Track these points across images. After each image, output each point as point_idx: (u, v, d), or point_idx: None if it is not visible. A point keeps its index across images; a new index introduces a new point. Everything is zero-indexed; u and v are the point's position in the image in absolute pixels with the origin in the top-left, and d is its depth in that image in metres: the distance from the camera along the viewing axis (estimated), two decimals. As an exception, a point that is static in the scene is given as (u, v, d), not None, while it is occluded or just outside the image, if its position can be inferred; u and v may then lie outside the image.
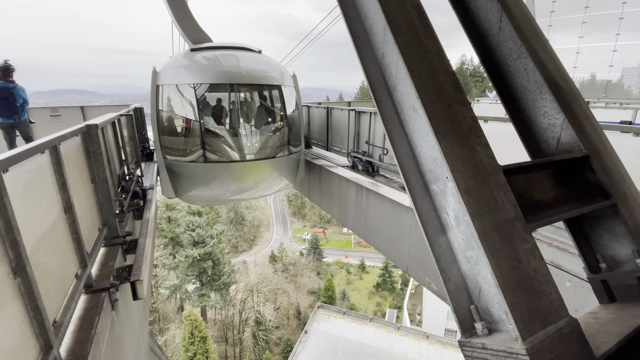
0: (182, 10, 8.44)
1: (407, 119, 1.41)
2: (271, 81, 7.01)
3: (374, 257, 67.32)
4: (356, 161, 6.92)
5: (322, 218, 77.59)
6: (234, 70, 6.63)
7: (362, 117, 6.99)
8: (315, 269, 65.06)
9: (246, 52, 7.46)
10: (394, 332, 40.44)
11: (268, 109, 7.35)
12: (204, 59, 6.98)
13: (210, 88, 6.84)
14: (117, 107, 9.50)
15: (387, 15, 1.36)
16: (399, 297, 57.56)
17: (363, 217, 7.11)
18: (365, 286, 61.56)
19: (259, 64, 7.23)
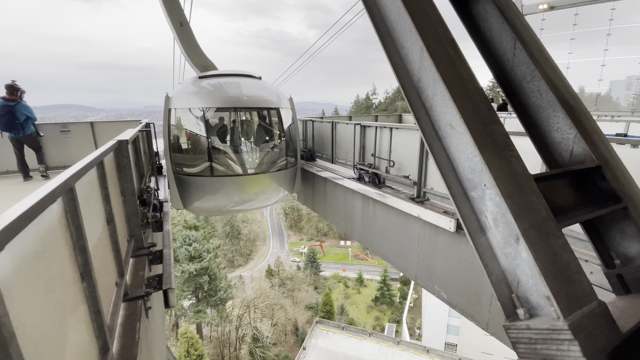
0: (190, 41, 9.29)
1: (444, 135, 1.63)
2: (270, 104, 8.02)
3: (371, 270, 66.96)
4: (362, 173, 7.15)
5: (319, 231, 77.36)
6: (237, 95, 7.62)
7: (367, 131, 7.26)
8: (313, 283, 64.41)
9: (248, 78, 8.43)
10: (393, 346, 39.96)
11: (267, 129, 8.27)
12: (211, 85, 7.91)
13: (217, 111, 7.79)
14: (127, 123, 9.68)
15: (428, 48, 1.60)
16: (398, 310, 57.05)
17: (370, 228, 7.29)
18: (363, 300, 60.97)
19: (260, 89, 8.20)
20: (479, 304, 4.89)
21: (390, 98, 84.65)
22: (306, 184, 10.38)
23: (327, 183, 8.88)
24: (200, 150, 7.88)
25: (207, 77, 8.17)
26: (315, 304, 58.31)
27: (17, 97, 6.95)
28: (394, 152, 6.47)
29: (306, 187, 10.39)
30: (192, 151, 8.08)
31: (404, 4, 1.75)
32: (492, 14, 2.21)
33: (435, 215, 5.20)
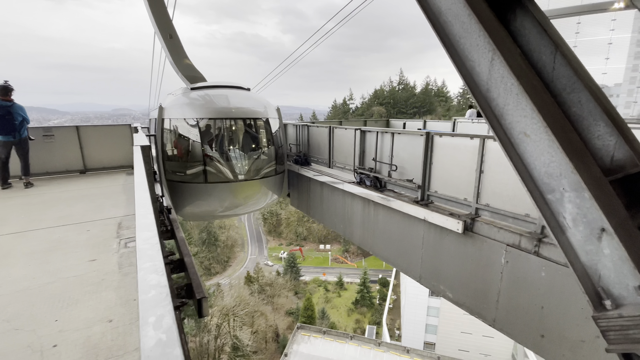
0: (179, 53, 9.53)
1: (517, 142, 1.75)
2: (259, 115, 8.43)
3: (351, 273, 67.47)
4: (363, 177, 7.28)
5: (299, 235, 77.08)
6: (229, 106, 8.04)
7: (367, 136, 7.42)
8: (293, 288, 63.96)
9: (238, 90, 8.85)
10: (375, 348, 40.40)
11: (256, 138, 8.71)
12: (204, 97, 8.24)
13: (209, 121, 8.06)
14: (115, 128, 9.31)
15: (499, 60, 1.73)
16: (378, 312, 57.76)
17: (371, 231, 7.42)
18: (343, 303, 61.23)
19: (249, 100, 8.63)
20: (486, 302, 5.11)
21: (366, 103, 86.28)
22: (300, 189, 10.40)
23: (324, 187, 8.95)
24: (194, 158, 8.19)
25: (198, 89, 8.51)
26: (296, 309, 57.90)
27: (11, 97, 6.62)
28: (396, 156, 6.65)
29: (300, 192, 10.40)
30: (185, 159, 8.34)
31: (470, 19, 1.87)
32: (530, 30, 2.38)
33: (442, 218, 5.40)
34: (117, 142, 9.31)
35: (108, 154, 9.24)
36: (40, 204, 6.03)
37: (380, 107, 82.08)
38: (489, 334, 40.52)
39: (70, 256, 3.89)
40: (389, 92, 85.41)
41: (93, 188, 7.39)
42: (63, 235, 4.55)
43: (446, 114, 79.18)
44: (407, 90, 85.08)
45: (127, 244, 4.26)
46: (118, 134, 9.31)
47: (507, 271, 4.76)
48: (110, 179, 8.27)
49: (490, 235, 4.92)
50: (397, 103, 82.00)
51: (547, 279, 4.32)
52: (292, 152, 10.92)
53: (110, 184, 7.84)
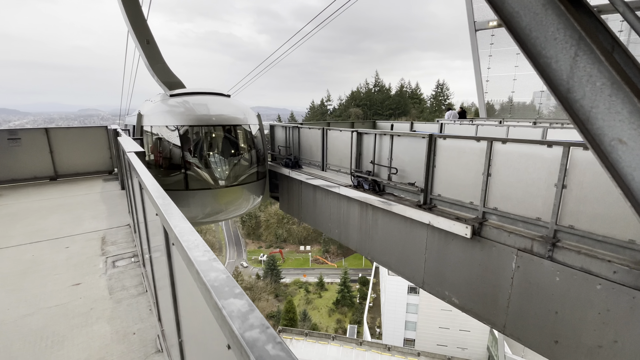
0: (157, 59, 9.13)
1: (609, 150, 1.52)
2: (238, 122, 8.37)
3: (332, 273, 67.44)
4: (361, 180, 7.03)
5: (279, 237, 76.16)
6: (208, 113, 7.95)
7: (364, 138, 7.17)
8: (273, 291, 63.05)
9: (218, 96, 8.77)
10: (356, 348, 40.53)
11: (237, 144, 8.62)
12: (183, 104, 8.12)
13: (189, 129, 7.93)
14: (89, 130, 8.54)
15: (596, 57, 1.49)
16: (358, 311, 58.06)
17: (369, 236, 7.17)
18: (325, 304, 61.06)
19: (229, 107, 8.56)
20: (495, 308, 4.99)
21: (343, 104, 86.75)
22: (291, 193, 10.01)
23: (318, 191, 8.62)
24: (174, 165, 8.01)
25: (178, 95, 8.39)
26: (277, 312, 57.10)
27: None
28: (395, 159, 6.44)
29: (291, 196, 10.02)
30: (165, 166, 8.12)
31: (545, 9, 1.62)
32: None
33: (449, 222, 5.23)
34: (91, 145, 8.55)
35: (82, 159, 8.46)
36: (7, 217, 5.30)
37: (357, 108, 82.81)
38: (465, 328, 41.72)
39: (49, 280, 3.33)
40: (366, 94, 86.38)
41: (67, 197, 6.66)
42: (37, 254, 3.94)
43: (420, 115, 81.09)
44: (382, 92, 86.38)
45: (115, 263, 3.74)
46: (93, 136, 8.55)
47: (519, 276, 4.64)
48: (86, 186, 7.53)
49: (500, 240, 4.79)
50: (374, 105, 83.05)
51: (561, 284, 4.23)
52: (280, 154, 10.52)
53: (86, 191, 7.12)
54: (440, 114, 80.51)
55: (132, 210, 4.16)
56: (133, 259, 3.81)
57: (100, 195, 6.79)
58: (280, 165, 10.16)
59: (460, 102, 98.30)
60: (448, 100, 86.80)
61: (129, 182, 4.40)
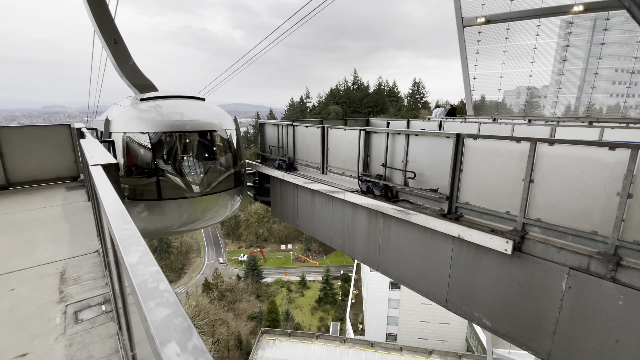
0: (125, 59, 8.39)
1: None
2: (216, 127, 7.90)
3: (314, 271, 66.74)
4: (371, 185, 6.21)
5: (259, 237, 74.45)
6: (182, 119, 7.46)
7: (373, 138, 6.34)
8: (255, 291, 61.53)
9: (192, 100, 8.25)
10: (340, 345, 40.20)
11: (213, 150, 8.15)
12: (154, 108, 7.55)
13: (161, 136, 7.39)
14: (48, 129, 7.21)
15: None
16: (341, 308, 57.82)
17: (379, 247, 6.38)
18: (307, 302, 60.32)
19: (204, 111, 8.04)
20: (538, 332, 4.33)
21: (323, 102, 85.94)
22: (285, 197, 9.05)
23: (317, 196, 7.73)
24: (146, 174, 7.51)
25: (148, 100, 7.81)
26: (259, 313, 55.76)
27: None
28: (412, 161, 5.66)
29: (285, 201, 9.06)
30: (135, 175, 7.58)
31: None
32: None
33: (484, 236, 4.52)
34: (52, 147, 7.22)
35: (41, 163, 7.12)
36: None
37: (336, 106, 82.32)
38: (445, 321, 42.45)
39: (-24, 352, 2.27)
40: (345, 91, 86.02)
41: (19, 211, 5.39)
42: (-34, 302, 2.82)
43: (397, 113, 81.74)
44: (361, 90, 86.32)
45: (78, 315, 2.68)
46: (53, 136, 7.22)
47: (570, 298, 3.99)
48: (44, 197, 6.24)
49: (547, 257, 4.12)
50: (353, 102, 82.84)
51: (625, 309, 3.60)
52: (272, 155, 9.52)
53: (44, 203, 5.85)
54: (417, 111, 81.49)
55: (100, 231, 3.12)
56: (104, 306, 2.77)
57: (62, 208, 5.56)
58: (272, 168, 9.18)
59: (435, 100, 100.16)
60: (424, 99, 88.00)
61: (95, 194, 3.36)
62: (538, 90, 21.97)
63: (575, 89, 17.51)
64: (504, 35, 17.02)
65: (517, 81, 17.87)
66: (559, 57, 19.41)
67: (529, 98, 19.20)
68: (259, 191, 10.41)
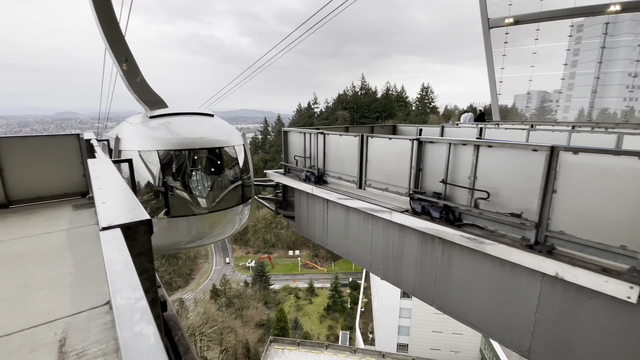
0: (136, 77, 8.42)
1: None
2: (224, 143, 7.84)
3: (322, 278, 65.43)
4: (426, 206, 5.23)
5: (267, 242, 73.46)
6: (190, 136, 7.40)
7: (427, 149, 5.38)
8: (263, 298, 60.40)
9: (200, 116, 8.26)
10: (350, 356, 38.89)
11: (221, 167, 8.03)
12: (164, 126, 7.57)
13: (171, 154, 7.35)
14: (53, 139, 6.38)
15: None
16: (350, 317, 56.43)
17: (435, 279, 5.38)
18: (315, 310, 59.00)
19: (213, 128, 8.02)
20: (674, 405, 3.32)
21: (330, 107, 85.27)
22: (312, 213, 8.11)
23: (353, 214, 6.77)
24: (155, 192, 7.45)
25: (158, 117, 7.81)
26: (267, 320, 54.60)
27: None
28: (483, 178, 4.68)
29: (312, 217, 8.11)
30: (145, 193, 7.48)
31: None
32: None
33: (594, 277, 3.51)
34: (58, 159, 6.37)
35: (45, 178, 6.27)
36: None
37: (344, 111, 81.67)
38: (458, 332, 40.94)
39: None
40: (352, 96, 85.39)
41: (17, 239, 4.51)
42: None
43: (406, 118, 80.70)
44: (369, 95, 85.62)
45: None
46: (59, 148, 6.37)
47: None
48: (47, 219, 5.36)
49: (693, 310, 3.11)
50: (360, 108, 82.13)
51: None
52: (298, 166, 8.60)
53: (47, 227, 4.96)
54: (426, 116, 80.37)
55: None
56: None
57: (67, 235, 4.65)
58: (298, 180, 8.25)
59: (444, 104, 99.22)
60: (433, 103, 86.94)
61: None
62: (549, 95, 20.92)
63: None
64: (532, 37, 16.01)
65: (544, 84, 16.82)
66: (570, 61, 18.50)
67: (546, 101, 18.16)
68: (281, 204, 9.48)
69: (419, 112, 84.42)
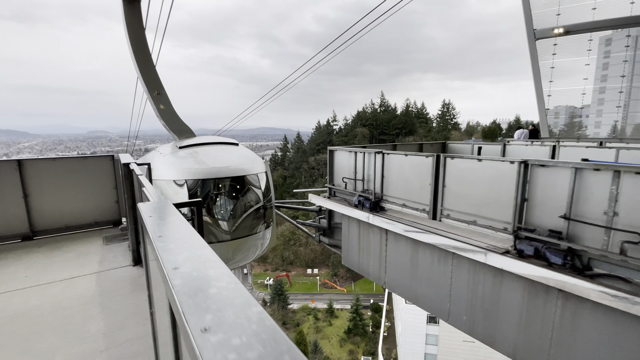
0: (167, 108, 8.99)
1: None
2: (248, 171, 8.11)
3: (341, 298, 62.97)
4: (540, 247, 4.05)
5: (285, 259, 72.01)
6: (216, 166, 7.72)
7: (537, 174, 4.25)
8: (281, 318, 58.47)
9: (227, 146, 8.65)
10: (374, 384, 36.22)
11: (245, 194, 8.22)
12: (192, 156, 7.89)
13: (199, 182, 7.56)
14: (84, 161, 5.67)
15: None
16: (372, 341, 53.60)
17: (553, 342, 4.13)
18: (335, 332, 56.42)
19: (239, 157, 8.30)
20: None
21: (349, 125, 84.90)
22: (366, 244, 7.00)
23: (423, 250, 5.62)
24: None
25: (186, 147, 8.17)
26: (286, 342, 52.41)
27: None
28: (628, 214, 3.51)
29: (366, 249, 7.00)
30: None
31: None
32: None
33: None
34: (89, 184, 5.63)
35: (74, 204, 5.52)
36: None
37: (363, 128, 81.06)
38: (491, 362, 37.73)
39: None
40: (371, 113, 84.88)
41: (36, 286, 3.64)
42: None
43: (427, 134, 79.07)
44: (388, 112, 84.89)
45: None
46: (91, 170, 5.65)
47: None
48: (74, 256, 4.51)
49: None
50: (380, 124, 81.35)
51: None
52: (346, 189, 7.59)
53: (73, 269, 4.09)
54: (448, 133, 78.52)
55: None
56: None
57: (97, 281, 3.76)
58: (348, 205, 7.21)
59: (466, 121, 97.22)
60: (454, 120, 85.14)
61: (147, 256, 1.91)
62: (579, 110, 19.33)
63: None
64: (586, 47, 14.75)
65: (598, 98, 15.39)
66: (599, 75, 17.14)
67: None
68: (324, 232, 8.44)
69: (440, 129, 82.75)
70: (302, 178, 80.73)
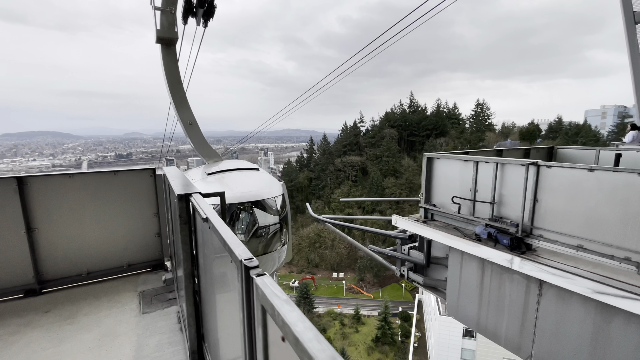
0: (198, 137, 9.88)
1: None
2: (267, 195, 8.88)
3: (368, 305, 60.37)
4: None
5: (310, 262, 70.27)
6: (240, 190, 8.44)
7: None
8: (307, 322, 56.77)
9: (247, 171, 9.40)
10: (406, 400, 33.47)
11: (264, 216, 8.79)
12: (218, 181, 8.73)
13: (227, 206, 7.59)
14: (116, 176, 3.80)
15: None
16: (401, 351, 50.72)
17: None
18: (362, 340, 53.91)
19: (258, 181, 9.12)
20: None
21: (377, 126, 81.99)
22: (492, 298, 4.84)
23: (621, 324, 3.43)
24: None
25: (214, 174, 8.86)
26: (312, 348, 50.66)
27: None
28: None
29: (490, 304, 4.84)
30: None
31: None
32: None
33: None
34: (121, 208, 3.82)
35: (98, 240, 3.72)
36: None
37: (391, 129, 77.91)
38: (535, 383, 33.96)
39: None
40: (400, 114, 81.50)
41: None
42: None
43: (460, 136, 74.74)
44: (418, 112, 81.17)
45: None
46: (124, 189, 3.82)
47: None
48: (97, 328, 2.67)
49: None
50: (409, 125, 77.85)
51: None
52: (458, 213, 5.45)
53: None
54: (482, 134, 73.79)
55: None
56: None
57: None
58: (462, 236, 5.08)
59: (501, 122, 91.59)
60: (489, 120, 79.89)
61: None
62: (628, 110, 15.85)
63: None
64: None
65: None
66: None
67: None
68: (416, 267, 6.33)
69: (473, 130, 78.06)
70: (327, 180, 78.67)
